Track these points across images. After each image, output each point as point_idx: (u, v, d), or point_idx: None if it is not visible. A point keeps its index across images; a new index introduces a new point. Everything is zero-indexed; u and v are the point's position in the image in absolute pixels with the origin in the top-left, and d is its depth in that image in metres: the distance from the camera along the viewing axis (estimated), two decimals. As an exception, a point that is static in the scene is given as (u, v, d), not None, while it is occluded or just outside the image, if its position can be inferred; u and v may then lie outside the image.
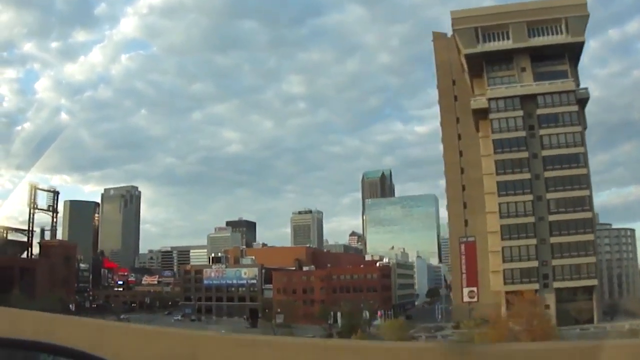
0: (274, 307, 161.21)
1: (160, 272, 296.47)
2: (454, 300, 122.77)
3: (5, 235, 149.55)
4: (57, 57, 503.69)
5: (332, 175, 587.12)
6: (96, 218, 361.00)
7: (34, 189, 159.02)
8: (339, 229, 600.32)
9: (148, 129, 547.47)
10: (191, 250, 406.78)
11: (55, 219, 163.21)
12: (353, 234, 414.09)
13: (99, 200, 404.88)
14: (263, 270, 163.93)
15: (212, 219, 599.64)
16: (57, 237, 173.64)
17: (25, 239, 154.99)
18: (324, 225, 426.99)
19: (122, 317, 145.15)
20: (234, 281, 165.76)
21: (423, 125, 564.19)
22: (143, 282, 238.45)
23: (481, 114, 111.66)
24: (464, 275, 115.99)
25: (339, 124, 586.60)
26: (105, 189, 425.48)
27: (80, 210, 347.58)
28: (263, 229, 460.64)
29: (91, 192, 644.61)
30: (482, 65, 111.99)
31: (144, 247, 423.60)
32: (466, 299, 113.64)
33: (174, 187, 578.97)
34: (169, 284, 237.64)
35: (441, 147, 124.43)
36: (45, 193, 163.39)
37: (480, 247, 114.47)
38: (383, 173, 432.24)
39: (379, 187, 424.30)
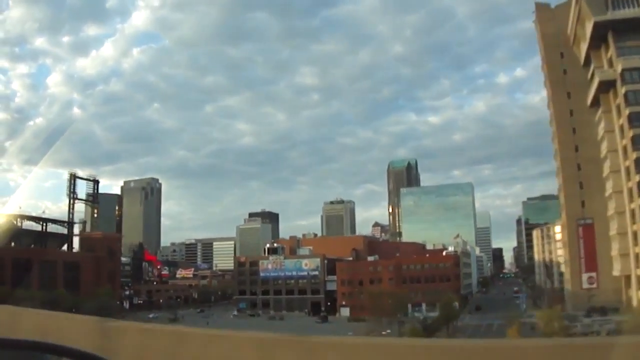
0: (338, 299, 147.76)
1: (185, 264, 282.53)
2: (570, 287, 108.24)
3: (19, 224, 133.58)
4: (69, 51, 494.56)
5: (345, 167, 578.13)
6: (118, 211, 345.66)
7: (74, 178, 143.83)
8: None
9: (160, 122, 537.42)
10: (214, 243, 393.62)
11: (96, 210, 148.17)
12: (376, 224, 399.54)
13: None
14: (325, 261, 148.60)
15: (225, 211, 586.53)
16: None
17: (53, 229, 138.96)
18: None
19: (178, 314, 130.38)
20: (294, 273, 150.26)
21: (436, 115, 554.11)
22: (177, 275, 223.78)
23: (604, 87, 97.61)
24: (582, 260, 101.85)
25: (352, 116, 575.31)
26: (125, 182, 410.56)
27: (102, 203, 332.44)
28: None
29: (103, 186, 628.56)
30: (606, 35, 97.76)
31: (161, 241, 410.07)
32: (585, 285, 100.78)
33: (187, 180, 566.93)
34: (206, 277, 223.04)
35: (456, 136, 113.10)
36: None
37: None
38: (409, 163, 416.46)
39: (405, 176, 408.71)
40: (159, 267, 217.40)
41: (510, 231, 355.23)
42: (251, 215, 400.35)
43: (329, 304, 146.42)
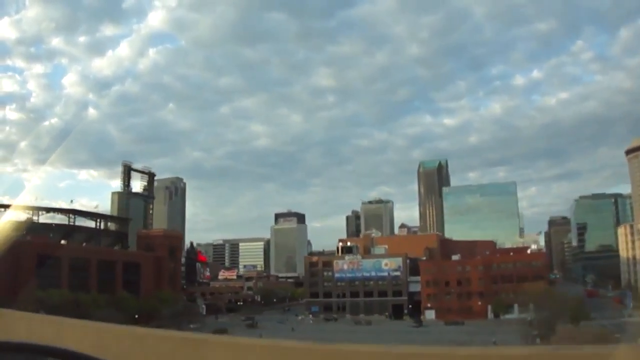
0: (423, 301, 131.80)
1: (216, 266, 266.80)
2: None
3: (73, 221, 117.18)
4: (85, 51, 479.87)
5: (360, 169, 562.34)
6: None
7: (128, 170, 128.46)
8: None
9: (175, 123, 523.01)
10: (241, 243, 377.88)
11: (151, 205, 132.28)
12: (403, 225, 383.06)
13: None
14: (408, 261, 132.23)
15: (239, 212, 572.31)
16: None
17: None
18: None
19: (253, 318, 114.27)
20: (373, 273, 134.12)
21: (452, 117, 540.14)
22: (219, 276, 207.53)
23: None
24: None
25: (368, 117, 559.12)
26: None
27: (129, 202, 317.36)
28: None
29: (118, 186, 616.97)
30: None
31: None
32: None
33: (201, 181, 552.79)
34: (251, 279, 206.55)
35: (472, 138, 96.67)
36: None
37: None
38: (440, 162, 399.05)
39: (436, 176, 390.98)
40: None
41: (527, 232, 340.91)
42: (278, 215, 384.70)
43: (410, 306, 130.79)
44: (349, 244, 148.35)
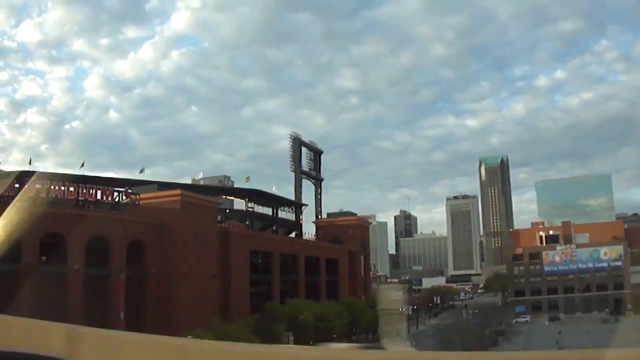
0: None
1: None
2: None
3: (252, 206, 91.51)
4: (107, 54, 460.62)
5: (381, 171, 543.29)
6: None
7: (299, 144, 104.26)
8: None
9: (197, 126, 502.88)
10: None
11: (320, 190, 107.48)
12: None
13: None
14: (629, 250, 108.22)
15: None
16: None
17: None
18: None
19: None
20: (589, 265, 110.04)
21: (475, 118, 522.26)
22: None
23: None
24: None
25: (390, 118, 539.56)
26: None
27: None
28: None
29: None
30: None
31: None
32: None
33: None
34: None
35: (494, 139, 75.43)
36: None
37: None
38: (502, 159, 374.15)
39: (499, 173, 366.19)
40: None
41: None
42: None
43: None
44: (551, 232, 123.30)
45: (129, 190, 64.71)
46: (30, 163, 62.35)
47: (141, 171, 68.04)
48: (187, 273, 63.94)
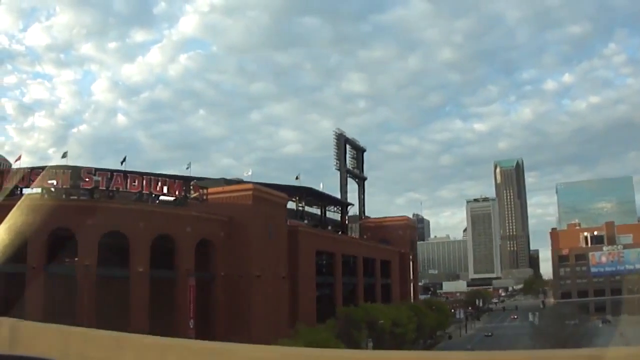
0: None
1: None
2: None
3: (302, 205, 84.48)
4: (115, 57, 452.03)
5: (388, 175, 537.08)
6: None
7: (344, 141, 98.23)
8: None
9: (205, 130, 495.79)
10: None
11: (363, 188, 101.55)
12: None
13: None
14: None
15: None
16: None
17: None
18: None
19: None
20: (637, 265, 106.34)
21: (483, 122, 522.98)
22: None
23: None
24: None
25: (398, 123, 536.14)
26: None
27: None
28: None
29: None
30: None
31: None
32: None
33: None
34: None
35: (501, 143, 72.55)
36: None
37: None
38: (517, 162, 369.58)
39: (515, 175, 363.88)
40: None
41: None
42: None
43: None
44: (595, 232, 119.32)
45: (196, 184, 57.84)
46: (64, 156, 54.05)
47: (187, 167, 61.12)
48: (260, 275, 57.41)
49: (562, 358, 3.92)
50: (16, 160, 70.24)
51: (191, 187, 55.46)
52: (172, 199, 56.17)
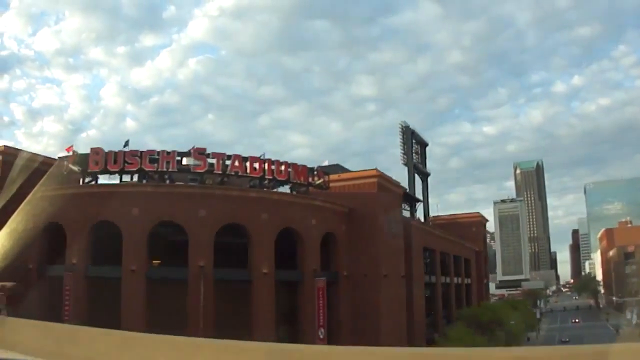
0: None
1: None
2: None
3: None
4: (124, 62, 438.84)
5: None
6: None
7: (410, 134, 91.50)
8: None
9: (214, 134, 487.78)
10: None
11: (426, 184, 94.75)
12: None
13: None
14: None
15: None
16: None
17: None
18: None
19: None
20: None
21: (492, 125, 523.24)
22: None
23: None
24: None
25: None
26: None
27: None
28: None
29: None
30: None
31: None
32: None
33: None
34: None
35: (510, 146, 73.37)
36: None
37: None
38: (538, 163, 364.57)
39: (535, 177, 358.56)
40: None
41: (565, 242, 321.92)
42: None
43: None
44: None
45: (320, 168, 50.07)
46: (126, 145, 45.70)
47: (262, 156, 53.69)
48: (387, 275, 50.05)
49: (566, 355, 3.81)
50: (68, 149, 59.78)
51: (315, 172, 47.60)
52: (288, 187, 48.21)
